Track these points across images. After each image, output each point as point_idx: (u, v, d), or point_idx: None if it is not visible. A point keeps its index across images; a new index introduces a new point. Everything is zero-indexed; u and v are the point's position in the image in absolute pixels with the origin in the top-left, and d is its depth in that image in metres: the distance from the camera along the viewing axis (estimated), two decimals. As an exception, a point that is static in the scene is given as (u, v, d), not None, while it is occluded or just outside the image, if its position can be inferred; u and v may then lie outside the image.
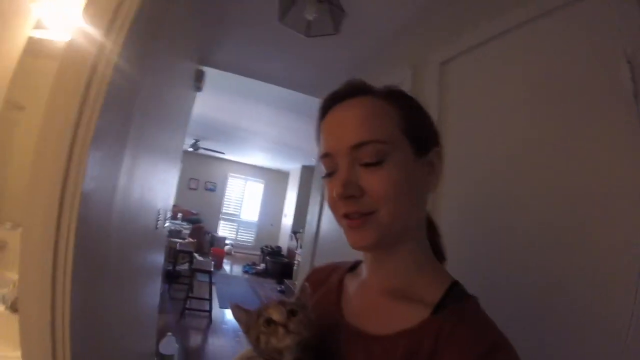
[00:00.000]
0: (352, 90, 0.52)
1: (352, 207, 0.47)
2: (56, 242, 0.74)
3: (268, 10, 1.58)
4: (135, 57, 0.90)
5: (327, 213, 1.84)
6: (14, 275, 1.45)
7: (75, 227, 0.74)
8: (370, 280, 0.55)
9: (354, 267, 0.63)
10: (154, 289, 1.85)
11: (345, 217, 0.48)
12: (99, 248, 0.94)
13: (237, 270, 6.87)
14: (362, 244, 0.48)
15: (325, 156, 0.50)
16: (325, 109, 0.53)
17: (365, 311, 0.52)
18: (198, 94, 2.41)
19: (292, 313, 0.45)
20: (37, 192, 0.75)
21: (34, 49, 1.70)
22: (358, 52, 1.94)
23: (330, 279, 0.63)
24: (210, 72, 2.35)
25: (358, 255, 0.57)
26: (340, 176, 0.48)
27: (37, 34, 1.71)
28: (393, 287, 0.51)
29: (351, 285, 0.58)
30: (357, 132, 0.47)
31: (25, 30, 1.74)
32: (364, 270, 0.58)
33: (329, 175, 0.50)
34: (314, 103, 0.60)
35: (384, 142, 0.47)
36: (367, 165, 0.47)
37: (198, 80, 2.24)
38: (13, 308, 1.32)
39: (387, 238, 0.48)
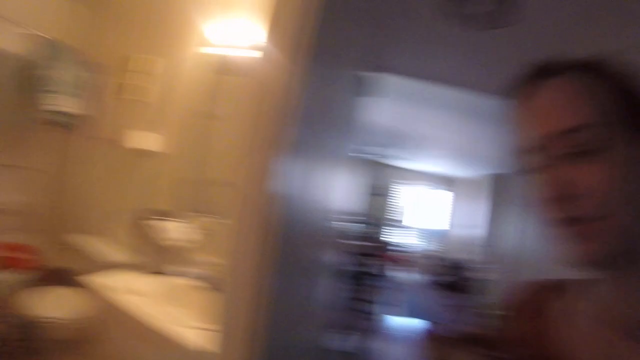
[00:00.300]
0: (550, 70, 0.41)
1: (567, 211, 0.37)
2: (261, 235, 0.83)
3: (438, 6, 1.50)
4: (314, 69, 0.95)
5: (527, 223, 1.57)
6: (216, 259, 1.72)
7: (278, 223, 0.85)
8: (592, 308, 0.42)
9: (560, 286, 0.49)
10: (330, 288, 1.94)
11: (559, 224, 0.38)
12: (292, 244, 1.02)
13: (414, 278, 6.72)
14: (582, 258, 0.37)
15: (526, 149, 0.40)
16: (519, 95, 0.43)
17: (587, 347, 0.40)
18: (375, 101, 2.43)
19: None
20: (246, 192, 0.86)
21: (212, 65, 2.01)
22: (539, 43, 1.65)
23: (535, 300, 0.51)
24: (383, 79, 2.33)
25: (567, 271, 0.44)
26: (549, 173, 0.39)
27: (210, 51, 2.02)
28: (621, 320, 0.38)
29: (562, 309, 0.46)
30: (563, 117, 0.38)
31: (200, 48, 2.07)
32: (580, 292, 0.45)
33: (533, 171, 0.40)
34: (497, 105, 0.49)
35: (598, 127, 0.36)
36: (579, 156, 0.37)
37: (367, 87, 2.25)
38: (215, 287, 1.57)
39: (615, 251, 0.36)
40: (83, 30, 2.72)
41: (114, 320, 1.42)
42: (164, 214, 1.74)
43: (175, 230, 1.69)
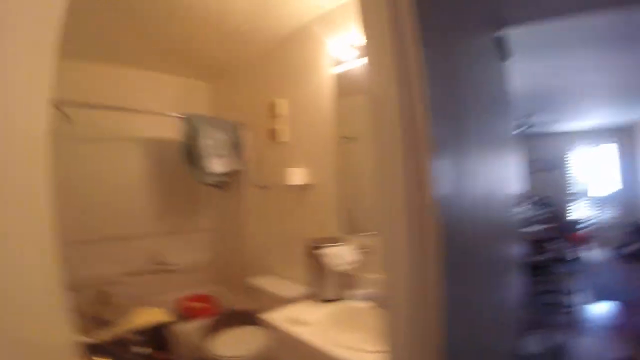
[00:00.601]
0: None
1: None
2: (415, 243, 0.77)
3: None
4: (434, 52, 0.84)
5: None
6: (376, 277, 1.69)
7: (434, 228, 0.77)
8: None
9: None
10: (513, 282, 1.74)
11: None
12: (458, 245, 0.93)
13: (601, 255, 5.68)
14: None
15: None
16: None
17: None
18: (508, 65, 2.15)
19: None
20: (386, 203, 0.81)
21: (340, 83, 2.01)
22: None
23: None
24: (514, 35, 2.04)
25: None
26: None
27: (338, 70, 2.01)
28: None
29: None
30: None
31: (329, 69, 2.07)
32: None
33: None
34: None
35: None
36: None
37: (502, 49, 1.98)
38: (380, 305, 1.52)
39: None
40: (221, 99, 3.26)
41: (293, 352, 1.47)
42: (331, 240, 1.79)
43: (343, 254, 1.72)
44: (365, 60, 1.67)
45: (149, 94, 2.97)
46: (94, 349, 1.71)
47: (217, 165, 2.61)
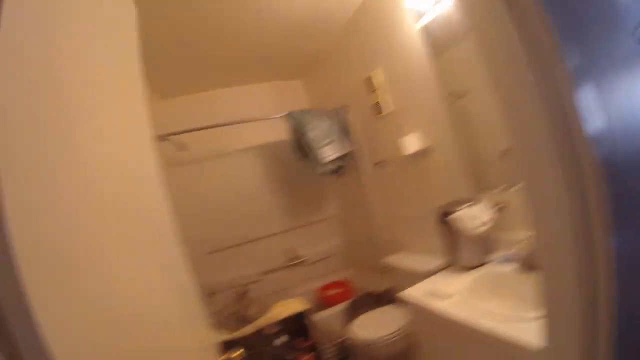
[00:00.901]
0: None
1: None
2: (572, 189, 0.66)
3: None
4: None
5: None
6: (516, 235, 1.53)
7: (592, 168, 0.64)
8: None
9: None
10: None
11: None
12: (623, 185, 0.79)
13: None
14: None
15: None
16: None
17: None
18: None
19: None
20: (528, 150, 0.71)
21: (432, 38, 1.87)
22: None
23: None
24: None
25: None
26: None
27: (423, 22, 1.88)
28: None
29: None
30: None
31: (413, 24, 1.95)
32: None
33: None
34: None
35: None
36: None
37: None
38: (526, 266, 1.37)
39: None
40: (318, 89, 3.35)
41: (436, 328, 1.43)
42: (461, 203, 1.66)
43: (477, 216, 1.59)
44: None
45: (252, 105, 3.20)
46: (234, 344, 1.87)
47: (329, 152, 2.68)
